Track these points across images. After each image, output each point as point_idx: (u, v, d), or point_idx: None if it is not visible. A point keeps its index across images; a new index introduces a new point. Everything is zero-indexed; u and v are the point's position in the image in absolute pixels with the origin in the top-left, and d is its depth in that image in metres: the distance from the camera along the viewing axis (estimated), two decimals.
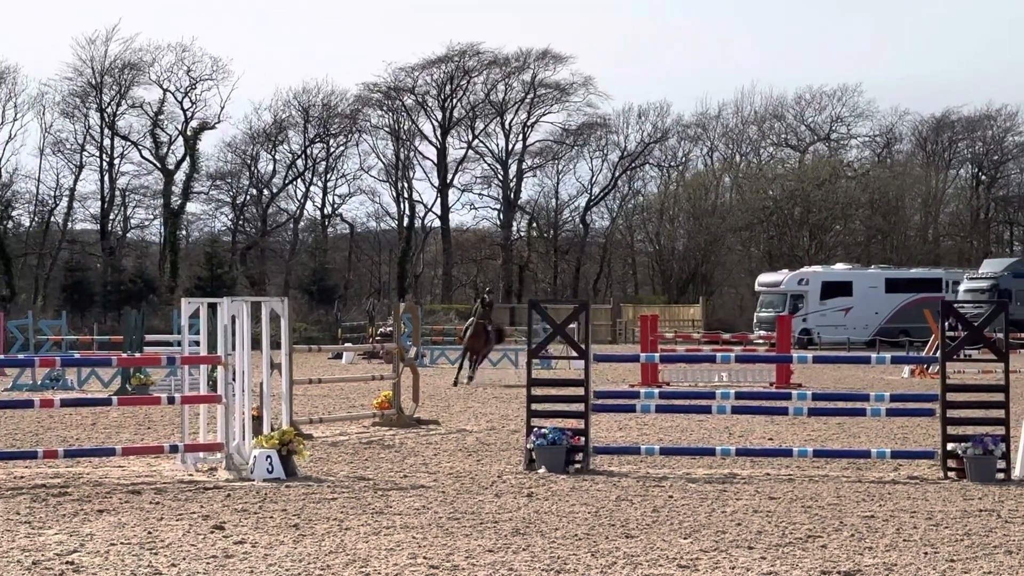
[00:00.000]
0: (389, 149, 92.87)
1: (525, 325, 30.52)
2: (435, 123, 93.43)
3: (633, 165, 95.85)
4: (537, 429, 15.89)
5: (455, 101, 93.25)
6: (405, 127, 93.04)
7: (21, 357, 27.16)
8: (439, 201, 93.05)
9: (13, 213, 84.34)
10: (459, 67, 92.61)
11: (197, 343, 16.78)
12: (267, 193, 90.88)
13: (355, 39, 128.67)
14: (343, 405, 26.36)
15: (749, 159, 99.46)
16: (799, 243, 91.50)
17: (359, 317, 64.53)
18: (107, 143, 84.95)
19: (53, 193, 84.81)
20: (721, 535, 11.56)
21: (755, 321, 68.30)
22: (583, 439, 15.92)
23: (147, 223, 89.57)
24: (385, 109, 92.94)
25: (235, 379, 15.70)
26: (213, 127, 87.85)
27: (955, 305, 16.32)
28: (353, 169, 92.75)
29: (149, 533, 11.51)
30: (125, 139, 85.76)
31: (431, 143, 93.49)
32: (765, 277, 74.26)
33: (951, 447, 15.35)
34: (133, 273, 77.63)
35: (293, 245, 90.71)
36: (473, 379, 34.12)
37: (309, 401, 26.71)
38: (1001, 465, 15.16)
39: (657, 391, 19.14)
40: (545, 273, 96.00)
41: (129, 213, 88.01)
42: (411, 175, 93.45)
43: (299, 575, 9.88)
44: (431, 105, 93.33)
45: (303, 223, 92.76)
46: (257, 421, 16.09)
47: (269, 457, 14.93)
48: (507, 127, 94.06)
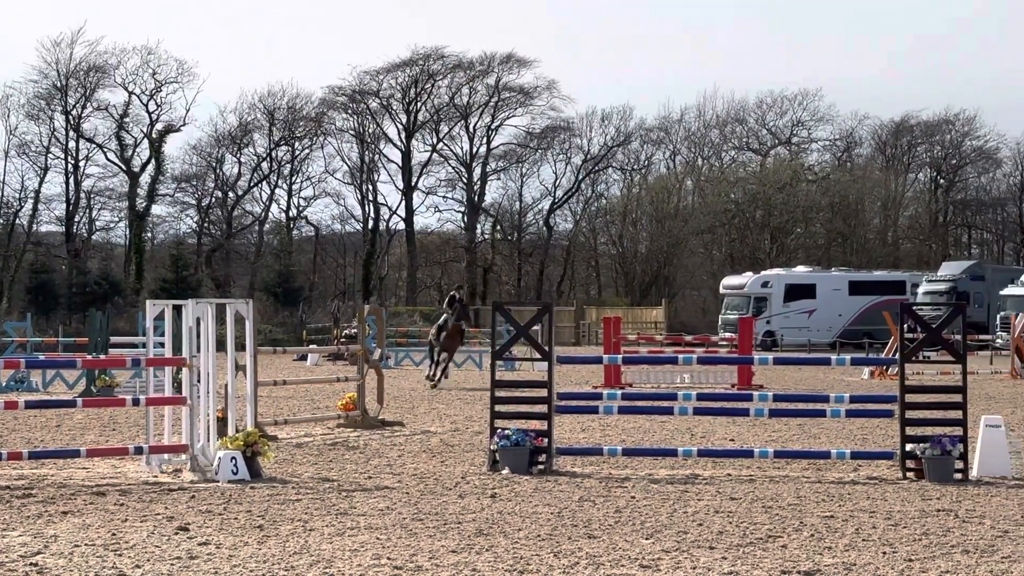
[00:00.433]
0: (354, 152, 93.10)
1: (489, 327, 30.53)
2: (400, 126, 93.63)
3: (596, 168, 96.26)
4: (501, 430, 15.97)
5: (419, 104, 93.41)
6: (370, 130, 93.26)
7: None
8: (403, 204, 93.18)
9: None
10: (423, 71, 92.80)
11: (162, 345, 16.84)
12: (232, 196, 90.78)
13: (320, 43, 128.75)
14: (308, 407, 26.35)
15: (711, 162, 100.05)
16: (760, 246, 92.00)
17: (324, 319, 64.57)
18: (72, 145, 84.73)
19: (18, 195, 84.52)
20: (683, 535, 11.64)
21: (720, 323, 68.63)
22: (546, 440, 16.01)
23: (112, 225, 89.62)
24: (350, 112, 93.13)
25: (200, 381, 15.74)
26: (178, 130, 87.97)
27: (914, 307, 16.43)
28: (318, 172, 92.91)
29: (113, 534, 11.53)
30: (90, 141, 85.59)
31: (396, 146, 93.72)
32: (729, 280, 74.61)
33: (910, 448, 15.49)
34: (98, 275, 77.42)
35: (258, 247, 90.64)
36: (441, 383, 33.67)
37: (274, 403, 26.74)
38: (959, 465, 15.32)
39: (620, 392, 19.22)
40: (509, 275, 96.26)
41: (94, 215, 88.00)
42: (376, 178, 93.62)
43: None
44: (396, 108, 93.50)
45: (268, 225, 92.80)
46: (222, 423, 16.13)
47: (234, 459, 14.97)
48: (471, 130, 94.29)
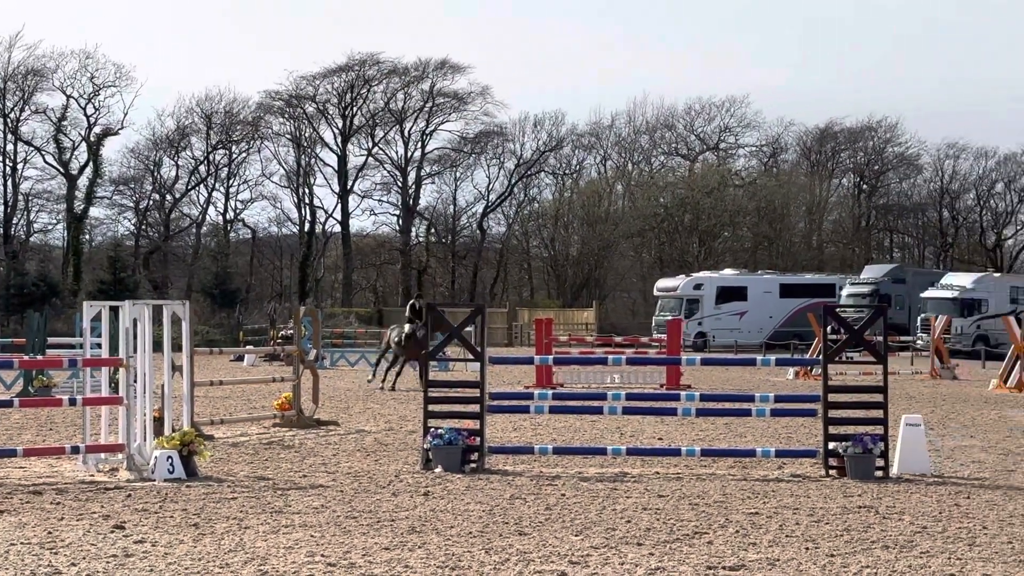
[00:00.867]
0: (291, 156, 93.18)
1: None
2: (336, 131, 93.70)
3: (529, 172, 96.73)
4: (434, 430, 16.13)
5: (355, 109, 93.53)
6: (306, 134, 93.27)
7: None
8: (339, 207, 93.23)
9: None
10: (359, 76, 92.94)
11: (99, 346, 16.86)
12: (170, 198, 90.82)
13: (258, 48, 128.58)
14: (244, 406, 26.39)
15: (641, 167, 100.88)
16: (689, 249, 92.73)
17: (260, 320, 64.47)
18: (10, 148, 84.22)
19: None
20: (611, 532, 11.79)
21: (653, 324, 69.00)
22: (478, 439, 16.20)
23: (50, 227, 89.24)
24: (287, 117, 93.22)
25: (137, 381, 15.78)
26: (116, 133, 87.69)
27: (838, 309, 16.76)
28: (255, 175, 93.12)
29: (49, 533, 11.57)
30: (28, 144, 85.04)
31: (332, 150, 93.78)
32: (663, 282, 75.18)
33: (832, 446, 15.77)
34: (36, 277, 76.70)
35: (196, 249, 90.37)
36: (384, 386, 32.97)
37: (211, 403, 26.74)
38: (880, 463, 15.61)
39: (551, 392, 19.37)
40: (443, 278, 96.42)
41: (32, 217, 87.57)
42: (312, 181, 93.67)
43: (198, 574, 9.96)
44: (332, 113, 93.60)
45: (205, 228, 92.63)
46: (158, 422, 16.18)
47: (170, 458, 15.03)
48: (406, 135, 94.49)
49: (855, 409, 16.90)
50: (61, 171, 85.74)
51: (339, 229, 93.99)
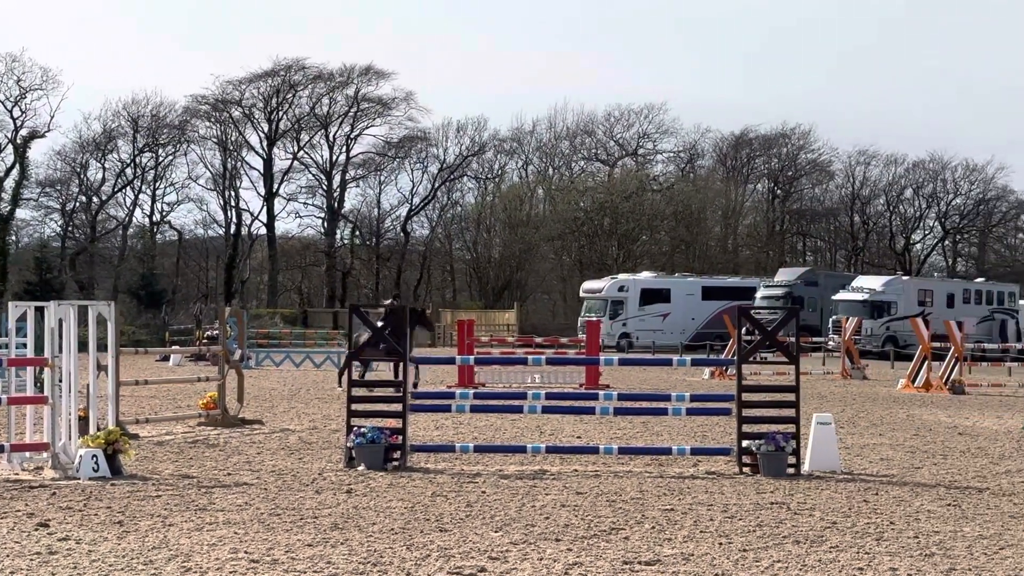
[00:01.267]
0: (217, 159, 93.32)
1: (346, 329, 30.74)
2: (261, 134, 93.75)
3: (452, 177, 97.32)
4: (357, 428, 16.26)
5: (281, 114, 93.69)
6: (232, 138, 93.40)
7: None
8: (265, 209, 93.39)
9: None
10: (285, 81, 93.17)
11: (24, 346, 16.85)
12: (96, 200, 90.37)
13: (183, 53, 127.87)
14: (170, 406, 26.32)
15: (561, 172, 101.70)
16: (608, 252, 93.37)
17: (187, 321, 64.25)
18: None
19: None
20: (530, 528, 11.93)
21: (579, 325, 69.36)
22: (401, 438, 16.35)
23: None
24: (213, 120, 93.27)
25: (62, 381, 15.84)
26: (43, 136, 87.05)
27: (752, 311, 17.06)
28: (181, 178, 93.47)
29: None
30: None
31: (257, 154, 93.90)
32: (589, 284, 75.71)
33: (746, 444, 16.05)
34: None
35: (122, 251, 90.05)
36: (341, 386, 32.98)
37: (136, 402, 26.62)
38: (791, 461, 15.92)
39: (472, 392, 19.53)
40: (367, 279, 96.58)
41: None
42: (238, 184, 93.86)
43: (122, 570, 9.97)
44: (258, 117, 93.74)
45: (132, 230, 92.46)
46: (83, 421, 16.22)
47: (95, 456, 15.05)
48: (331, 139, 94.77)
49: (768, 408, 17.07)
50: None
51: (265, 231, 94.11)
